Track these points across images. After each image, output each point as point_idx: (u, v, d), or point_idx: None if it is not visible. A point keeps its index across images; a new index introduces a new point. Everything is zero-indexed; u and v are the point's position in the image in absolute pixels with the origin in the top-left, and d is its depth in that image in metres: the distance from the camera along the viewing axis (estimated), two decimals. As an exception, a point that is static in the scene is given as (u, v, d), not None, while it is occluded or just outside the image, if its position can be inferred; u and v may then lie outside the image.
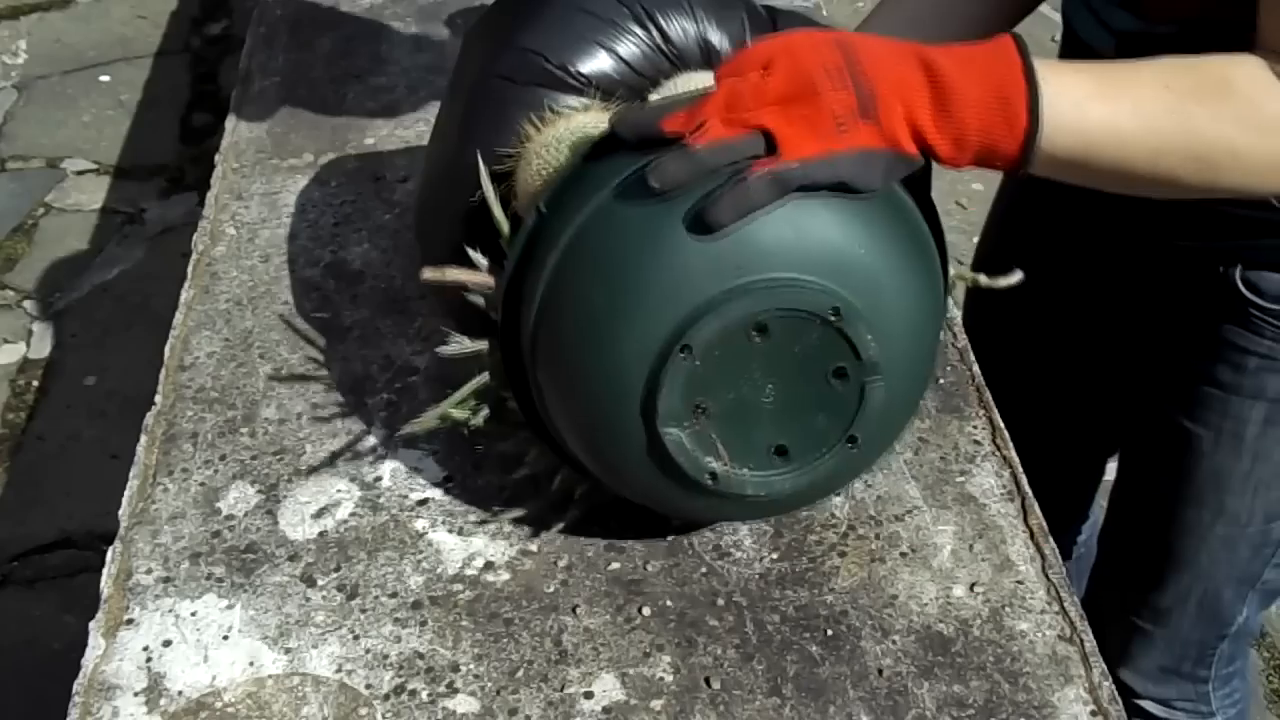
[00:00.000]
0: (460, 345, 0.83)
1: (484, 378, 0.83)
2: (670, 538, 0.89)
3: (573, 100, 0.85)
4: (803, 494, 0.81)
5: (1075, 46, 1.00)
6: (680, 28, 0.86)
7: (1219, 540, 1.11)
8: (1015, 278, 0.85)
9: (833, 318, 0.72)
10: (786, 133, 0.70)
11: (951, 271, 0.84)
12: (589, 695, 0.80)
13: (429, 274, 0.82)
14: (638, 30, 0.86)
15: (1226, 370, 1.03)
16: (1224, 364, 1.03)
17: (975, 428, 0.97)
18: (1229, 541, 1.11)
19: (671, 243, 0.72)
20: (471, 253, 0.82)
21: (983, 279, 0.86)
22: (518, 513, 0.90)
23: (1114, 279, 1.12)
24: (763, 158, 0.71)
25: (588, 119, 0.84)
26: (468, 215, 0.87)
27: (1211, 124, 0.74)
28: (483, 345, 0.83)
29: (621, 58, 0.86)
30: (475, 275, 0.82)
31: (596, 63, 0.85)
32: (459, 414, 0.84)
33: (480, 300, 0.82)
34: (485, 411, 0.85)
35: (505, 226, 0.83)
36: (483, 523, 0.90)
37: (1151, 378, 1.11)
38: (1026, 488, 0.93)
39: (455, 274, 0.82)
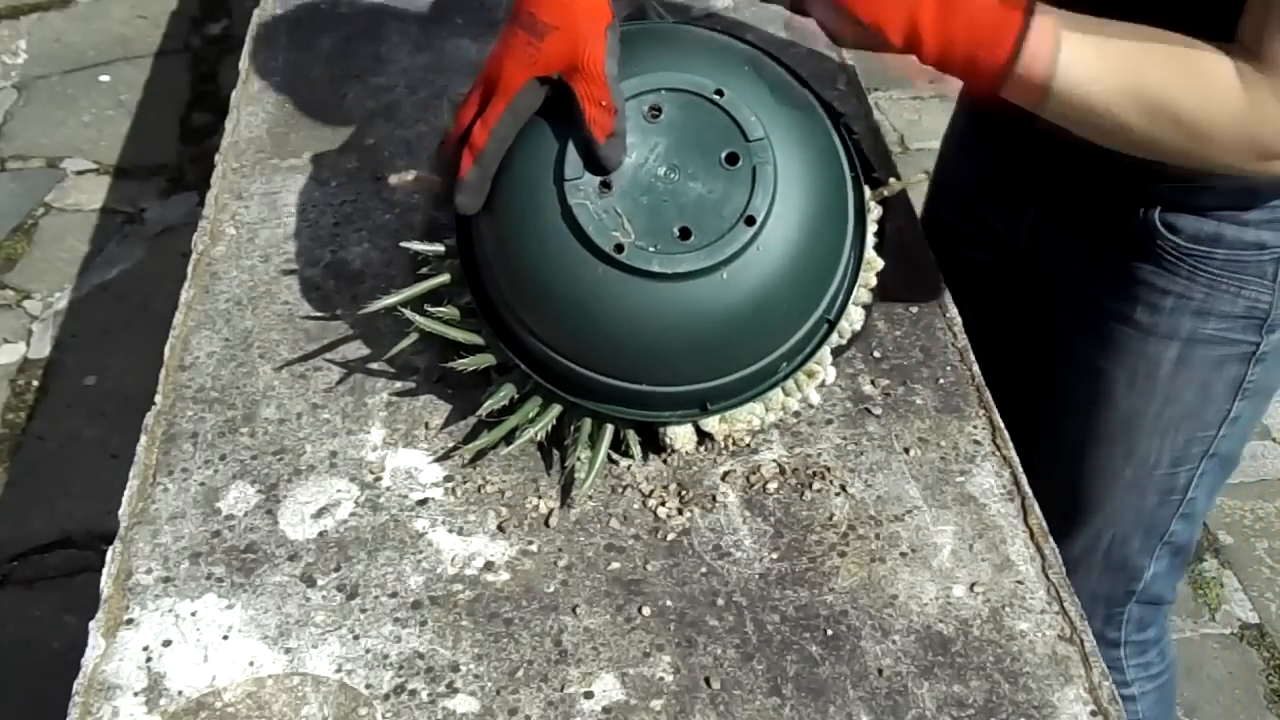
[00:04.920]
0: (422, 246, 0.95)
1: (444, 277, 0.93)
2: (670, 538, 0.89)
3: None
4: (717, 296, 0.84)
5: None
6: None
7: (1127, 484, 1.14)
8: (896, 186, 0.97)
9: (717, 96, 0.84)
10: None
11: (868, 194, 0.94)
12: (589, 695, 0.80)
13: (393, 179, 0.95)
14: None
15: (1144, 311, 1.07)
16: (1141, 304, 1.07)
17: (975, 428, 0.97)
18: (1137, 484, 1.14)
19: None
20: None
21: (887, 187, 0.98)
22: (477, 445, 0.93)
23: (1041, 223, 1.15)
24: None
25: None
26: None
27: (1175, 92, 0.82)
28: (440, 248, 0.94)
29: None
30: (431, 178, 0.94)
31: None
32: (421, 320, 0.91)
33: (440, 216, 0.96)
34: (444, 310, 0.93)
35: None
36: (482, 522, 0.90)
37: (1071, 319, 1.14)
38: (1026, 488, 0.93)
39: (414, 175, 0.95)
